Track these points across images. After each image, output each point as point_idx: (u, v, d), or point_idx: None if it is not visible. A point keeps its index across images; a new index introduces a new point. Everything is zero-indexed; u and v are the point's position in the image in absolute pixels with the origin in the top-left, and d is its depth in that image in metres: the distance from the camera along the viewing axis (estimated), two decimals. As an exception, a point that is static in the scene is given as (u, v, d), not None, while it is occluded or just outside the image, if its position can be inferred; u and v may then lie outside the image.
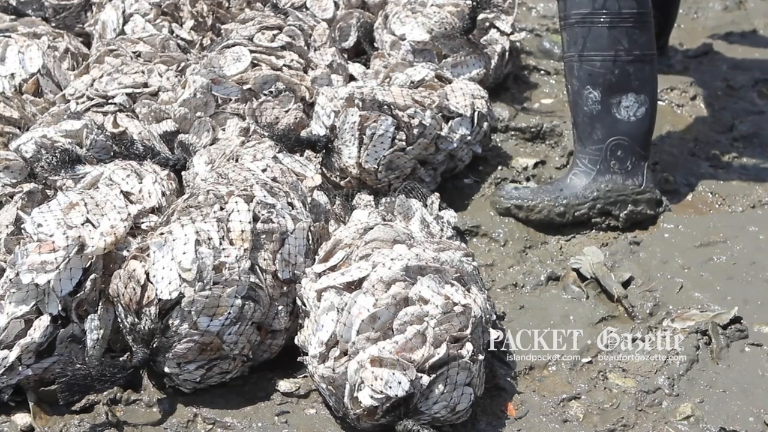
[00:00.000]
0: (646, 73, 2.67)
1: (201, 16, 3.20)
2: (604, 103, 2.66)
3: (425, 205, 2.53)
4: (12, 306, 2.06)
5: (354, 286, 2.05)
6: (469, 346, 1.99)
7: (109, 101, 2.70)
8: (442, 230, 2.44)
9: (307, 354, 2.07)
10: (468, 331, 2.00)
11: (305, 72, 2.92)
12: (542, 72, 3.44)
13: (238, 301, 2.04)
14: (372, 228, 2.20)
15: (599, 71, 2.65)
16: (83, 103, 2.71)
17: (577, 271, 2.54)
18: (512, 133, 3.09)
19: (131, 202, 2.29)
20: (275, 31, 3.02)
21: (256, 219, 2.15)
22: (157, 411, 2.09)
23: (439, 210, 2.57)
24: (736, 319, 2.34)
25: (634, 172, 2.70)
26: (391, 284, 2.01)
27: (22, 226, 2.21)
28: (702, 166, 2.97)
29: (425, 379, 1.93)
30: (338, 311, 2.01)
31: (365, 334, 1.96)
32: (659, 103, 3.29)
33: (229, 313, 2.03)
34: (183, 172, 2.53)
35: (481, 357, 2.03)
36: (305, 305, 2.12)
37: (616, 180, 2.69)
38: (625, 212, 2.69)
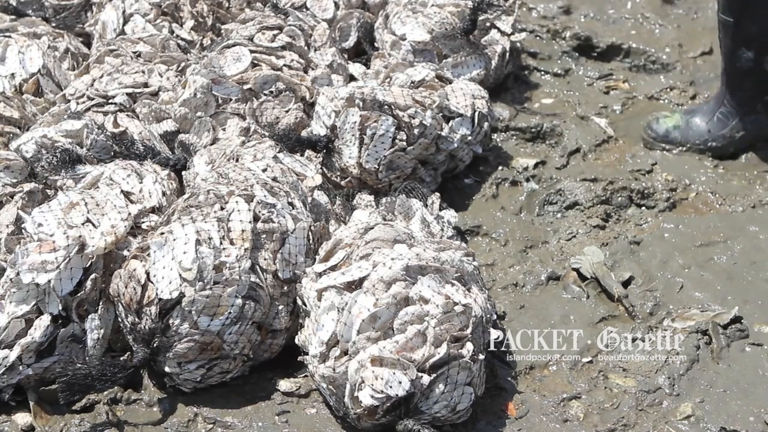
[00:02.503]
0: None
1: (201, 16, 3.20)
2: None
3: (426, 205, 2.53)
4: (12, 305, 2.06)
5: (354, 285, 2.05)
6: (469, 346, 1.99)
7: (110, 101, 2.70)
8: (442, 230, 2.44)
9: (307, 354, 2.07)
10: (468, 331, 2.00)
11: (305, 72, 2.92)
12: (542, 72, 3.44)
13: (239, 301, 2.04)
14: (372, 228, 2.20)
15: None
16: (83, 103, 2.71)
17: (577, 270, 2.54)
18: (512, 133, 3.09)
19: (132, 201, 2.29)
20: (275, 31, 3.02)
21: (256, 219, 2.15)
22: (158, 410, 2.09)
23: (440, 210, 2.57)
24: (736, 319, 2.34)
25: None
26: (391, 284, 2.01)
27: (22, 225, 2.21)
28: (702, 165, 2.97)
29: (426, 379, 1.93)
30: (339, 311, 2.01)
31: (366, 334, 1.96)
32: (659, 102, 3.31)
33: (230, 312, 2.03)
34: (183, 172, 2.53)
35: (481, 356, 2.03)
36: (305, 305, 2.12)
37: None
38: None
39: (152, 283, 2.03)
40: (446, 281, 2.06)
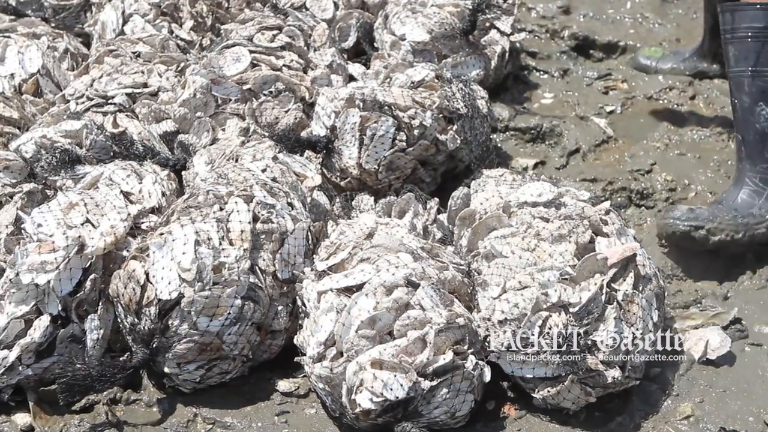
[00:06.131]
0: None
1: (200, 17, 3.20)
2: None
3: (425, 208, 2.52)
4: (12, 306, 2.06)
5: (356, 289, 2.04)
6: (472, 358, 1.99)
7: (109, 101, 2.71)
8: (431, 233, 2.44)
9: (305, 354, 2.07)
10: (470, 344, 2.00)
11: (305, 72, 2.92)
12: (542, 72, 3.44)
13: (238, 302, 2.04)
14: (376, 231, 2.20)
15: None
16: (83, 103, 2.71)
17: (577, 271, 2.53)
18: (512, 133, 3.09)
19: (131, 202, 2.29)
20: (275, 32, 3.02)
21: (255, 219, 2.15)
22: (157, 411, 2.09)
23: (438, 214, 2.55)
24: (736, 320, 2.34)
25: None
26: (392, 289, 2.01)
27: (22, 226, 2.21)
28: (702, 165, 2.97)
29: (425, 384, 1.92)
30: (338, 312, 2.01)
31: (363, 332, 1.95)
32: (658, 102, 3.31)
33: (229, 313, 2.03)
34: (183, 172, 2.53)
35: (482, 363, 2.03)
36: (305, 306, 2.11)
37: None
38: None
39: (151, 283, 2.03)
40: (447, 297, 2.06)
